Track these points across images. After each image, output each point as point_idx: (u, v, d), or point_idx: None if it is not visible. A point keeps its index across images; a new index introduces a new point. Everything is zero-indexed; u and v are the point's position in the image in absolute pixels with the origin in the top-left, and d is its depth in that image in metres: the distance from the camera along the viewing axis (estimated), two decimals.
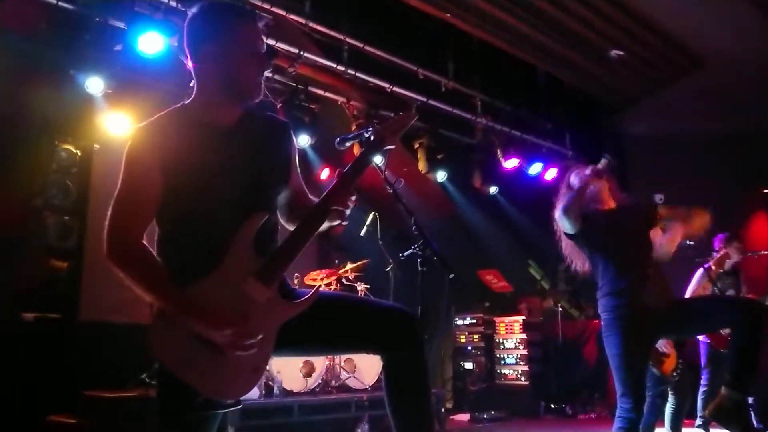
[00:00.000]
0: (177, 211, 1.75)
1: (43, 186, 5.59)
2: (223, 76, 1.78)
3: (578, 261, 3.43)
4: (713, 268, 5.09)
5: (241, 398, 1.77)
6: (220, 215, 1.74)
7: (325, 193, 1.86)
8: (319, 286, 1.91)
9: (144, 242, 1.75)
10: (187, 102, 1.86)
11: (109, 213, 1.72)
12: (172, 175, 1.72)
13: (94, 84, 4.83)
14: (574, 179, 3.36)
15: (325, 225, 1.93)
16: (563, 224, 3.17)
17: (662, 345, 3.91)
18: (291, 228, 1.91)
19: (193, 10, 1.81)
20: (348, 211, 1.91)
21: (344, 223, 1.94)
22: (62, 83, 5.05)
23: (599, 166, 3.22)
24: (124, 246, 1.70)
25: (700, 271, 5.34)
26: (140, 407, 4.40)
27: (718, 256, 5.14)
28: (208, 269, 1.71)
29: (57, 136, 5.65)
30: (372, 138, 1.97)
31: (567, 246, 3.44)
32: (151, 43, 4.71)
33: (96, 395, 4.99)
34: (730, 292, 5.36)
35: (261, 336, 1.69)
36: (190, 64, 1.82)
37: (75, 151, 5.69)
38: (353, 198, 1.91)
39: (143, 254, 1.72)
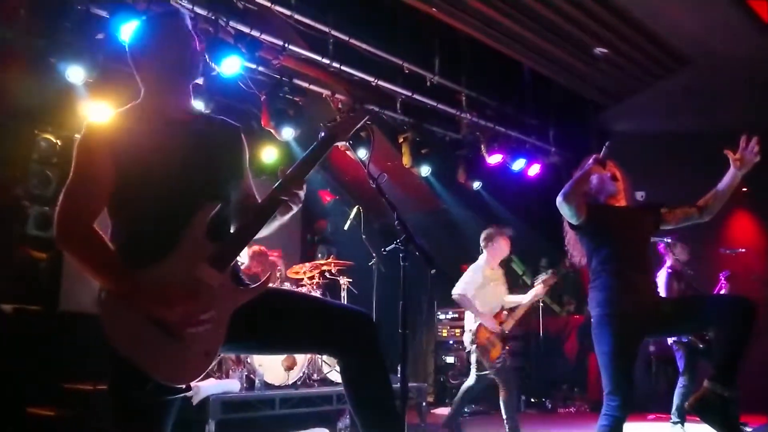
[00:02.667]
0: (131, 200, 1.80)
1: (23, 176, 5.52)
2: (156, 75, 1.92)
3: (577, 254, 3.40)
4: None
5: (196, 383, 1.82)
6: (172, 204, 1.80)
7: (276, 185, 1.92)
8: (270, 274, 1.91)
9: (95, 227, 1.79)
10: (138, 101, 1.96)
11: (60, 199, 1.77)
12: (125, 164, 1.78)
13: (75, 73, 4.76)
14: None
15: (286, 218, 2.01)
16: (563, 211, 3.12)
17: (493, 335, 4.72)
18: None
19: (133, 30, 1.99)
20: (297, 205, 1.97)
21: (292, 210, 1.98)
22: (42, 72, 4.98)
23: (601, 154, 3.19)
24: (74, 229, 1.74)
25: (667, 272, 5.43)
26: None
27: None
28: (161, 255, 1.75)
29: (37, 125, 5.58)
30: (324, 135, 2.05)
31: (569, 237, 3.40)
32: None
33: (76, 387, 4.95)
34: (689, 291, 5.46)
35: (213, 313, 1.73)
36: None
37: (55, 141, 5.62)
38: (302, 191, 1.96)
39: (94, 237, 1.76)
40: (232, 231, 1.96)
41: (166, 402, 1.79)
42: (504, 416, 4.83)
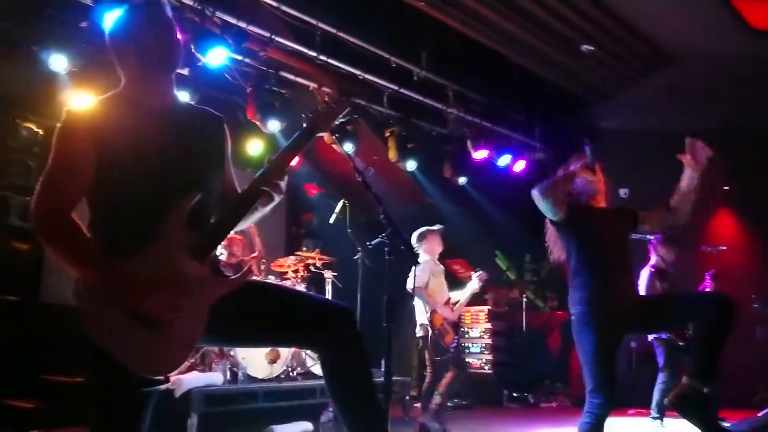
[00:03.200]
0: (111, 189, 1.78)
1: (4, 165, 5.44)
2: (136, 64, 1.89)
3: (558, 252, 3.42)
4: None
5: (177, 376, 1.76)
6: (152, 194, 1.77)
7: (257, 176, 1.91)
8: (250, 266, 1.91)
9: (74, 216, 1.76)
10: (118, 90, 1.93)
11: (37, 188, 1.73)
12: (106, 152, 1.76)
13: (58, 61, 4.69)
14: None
15: (267, 208, 2.01)
16: (538, 204, 3.14)
17: (446, 321, 5.07)
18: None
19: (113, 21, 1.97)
20: (279, 195, 1.96)
21: (275, 200, 1.98)
22: (24, 60, 4.91)
23: (585, 157, 3.21)
24: (52, 218, 1.71)
25: (649, 271, 5.48)
26: None
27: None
28: (141, 246, 1.73)
29: (18, 114, 5.50)
30: (305, 125, 2.06)
31: (550, 235, 3.43)
32: None
33: (55, 380, 4.91)
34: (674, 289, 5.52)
35: (192, 304, 1.73)
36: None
37: (37, 130, 5.55)
38: (284, 181, 1.96)
39: (72, 227, 1.73)
40: (212, 221, 1.94)
41: (145, 393, 1.78)
42: (439, 393, 5.08)
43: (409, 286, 5.09)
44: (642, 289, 5.30)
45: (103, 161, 1.76)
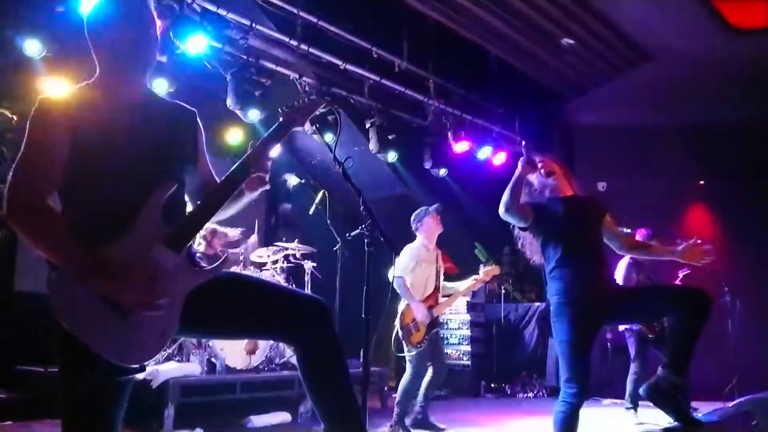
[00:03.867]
0: (84, 179, 1.77)
1: None
2: (113, 56, 1.88)
3: (532, 253, 3.45)
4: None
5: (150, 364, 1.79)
6: (126, 185, 1.77)
7: (233, 168, 1.92)
8: (226, 257, 1.90)
9: (49, 203, 1.74)
10: (93, 80, 1.92)
11: (10, 174, 1.70)
12: (79, 142, 1.75)
13: (32, 46, 4.61)
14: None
15: (245, 200, 2.04)
16: (508, 220, 3.19)
17: (421, 319, 4.79)
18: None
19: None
20: (261, 186, 2.00)
21: (256, 191, 2.02)
22: None
23: (528, 157, 3.24)
24: (26, 203, 1.68)
25: (627, 261, 5.55)
26: None
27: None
28: (115, 236, 1.73)
29: None
30: (282, 119, 2.09)
31: (522, 238, 3.46)
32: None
33: (30, 369, 4.85)
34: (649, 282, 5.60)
35: (167, 299, 1.71)
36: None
37: (11, 116, 5.45)
38: (267, 173, 1.98)
39: (47, 212, 1.71)
40: (188, 212, 1.94)
41: (119, 383, 1.77)
42: (397, 398, 4.89)
43: (390, 273, 4.83)
44: (619, 279, 5.37)
45: (77, 151, 1.75)
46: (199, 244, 5.87)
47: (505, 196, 3.13)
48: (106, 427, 1.75)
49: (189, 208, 1.98)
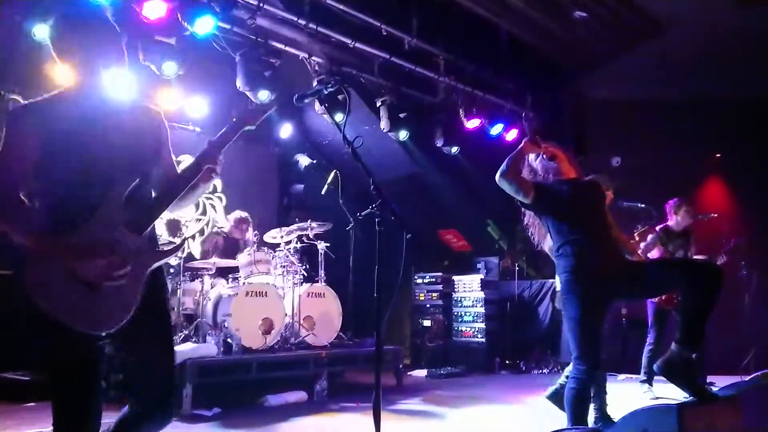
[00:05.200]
0: (57, 173, 1.99)
1: None
2: (80, 67, 2.10)
3: (540, 238, 3.46)
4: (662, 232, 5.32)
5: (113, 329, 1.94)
6: (93, 178, 2.01)
7: (192, 161, 2.19)
8: (185, 239, 2.06)
9: (21, 194, 1.98)
10: (68, 86, 2.14)
11: None
12: (51, 142, 1.98)
13: (42, 31, 4.61)
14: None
15: (200, 191, 2.28)
16: (504, 188, 3.20)
17: None
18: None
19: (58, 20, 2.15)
20: (212, 180, 2.25)
21: (209, 183, 2.26)
22: (7, 30, 4.81)
23: (532, 136, 3.28)
24: (3, 195, 1.92)
25: (652, 234, 5.52)
26: None
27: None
28: (84, 221, 1.97)
29: (3, 86, 5.42)
30: (234, 120, 2.32)
31: (529, 220, 3.48)
32: None
33: None
34: (680, 254, 5.55)
35: (128, 270, 1.96)
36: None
37: (24, 103, 5.47)
38: (217, 166, 2.22)
39: (21, 202, 1.97)
40: (150, 200, 2.17)
41: (93, 348, 1.95)
42: None
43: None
44: (642, 250, 5.31)
45: (48, 150, 1.98)
46: (222, 227, 6.57)
47: (504, 165, 3.18)
48: (89, 394, 1.94)
49: (154, 195, 2.20)
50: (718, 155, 8.16)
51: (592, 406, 4.02)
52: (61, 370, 1.93)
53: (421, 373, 7.40)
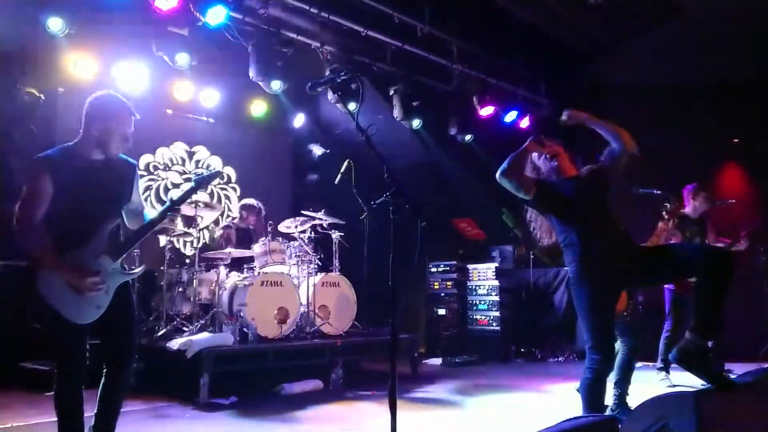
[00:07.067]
0: (63, 210, 2.73)
1: (7, 130, 5.43)
2: (95, 140, 2.84)
3: (544, 235, 3.45)
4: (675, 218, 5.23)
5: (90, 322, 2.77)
6: (87, 216, 2.79)
7: (156, 214, 2.98)
8: (143, 268, 3.12)
9: (40, 224, 2.70)
10: (73, 143, 2.85)
11: (18, 205, 2.70)
12: (60, 186, 2.72)
13: (55, 24, 4.63)
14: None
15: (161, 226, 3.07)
16: (504, 185, 3.21)
17: None
18: (134, 228, 3.00)
19: (94, 98, 2.87)
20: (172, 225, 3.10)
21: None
22: (22, 23, 4.84)
23: (536, 135, 3.30)
24: (27, 225, 2.69)
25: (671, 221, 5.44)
26: None
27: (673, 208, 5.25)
28: (78, 246, 2.76)
29: (19, 79, 5.46)
30: (191, 185, 3.08)
31: (534, 218, 3.47)
32: None
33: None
34: (697, 240, 5.49)
35: (105, 285, 2.79)
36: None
37: (39, 95, 5.52)
38: (176, 218, 3.10)
39: (40, 232, 2.71)
40: (127, 233, 2.98)
41: (78, 329, 2.74)
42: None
43: None
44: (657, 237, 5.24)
45: (57, 192, 2.72)
46: (235, 219, 6.94)
47: (505, 162, 3.19)
48: (77, 355, 2.76)
49: (127, 224, 2.98)
50: (736, 140, 8.05)
51: (612, 392, 3.99)
52: (56, 337, 2.77)
53: (437, 361, 7.42)
